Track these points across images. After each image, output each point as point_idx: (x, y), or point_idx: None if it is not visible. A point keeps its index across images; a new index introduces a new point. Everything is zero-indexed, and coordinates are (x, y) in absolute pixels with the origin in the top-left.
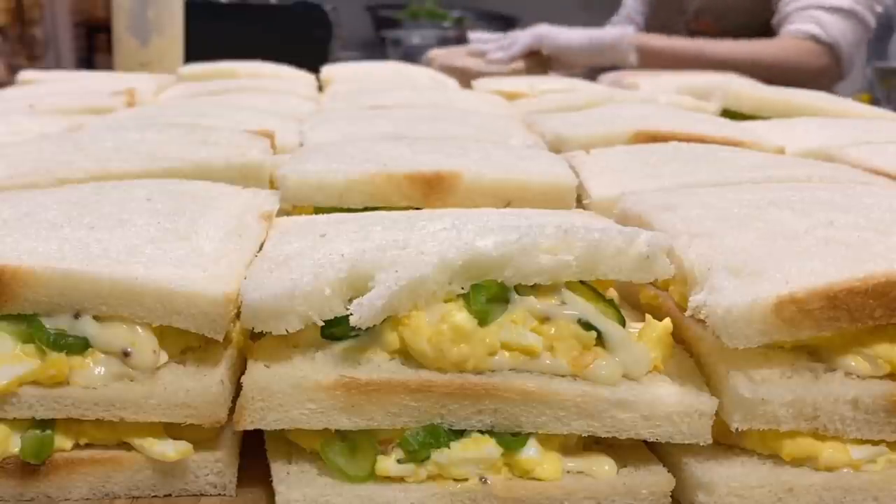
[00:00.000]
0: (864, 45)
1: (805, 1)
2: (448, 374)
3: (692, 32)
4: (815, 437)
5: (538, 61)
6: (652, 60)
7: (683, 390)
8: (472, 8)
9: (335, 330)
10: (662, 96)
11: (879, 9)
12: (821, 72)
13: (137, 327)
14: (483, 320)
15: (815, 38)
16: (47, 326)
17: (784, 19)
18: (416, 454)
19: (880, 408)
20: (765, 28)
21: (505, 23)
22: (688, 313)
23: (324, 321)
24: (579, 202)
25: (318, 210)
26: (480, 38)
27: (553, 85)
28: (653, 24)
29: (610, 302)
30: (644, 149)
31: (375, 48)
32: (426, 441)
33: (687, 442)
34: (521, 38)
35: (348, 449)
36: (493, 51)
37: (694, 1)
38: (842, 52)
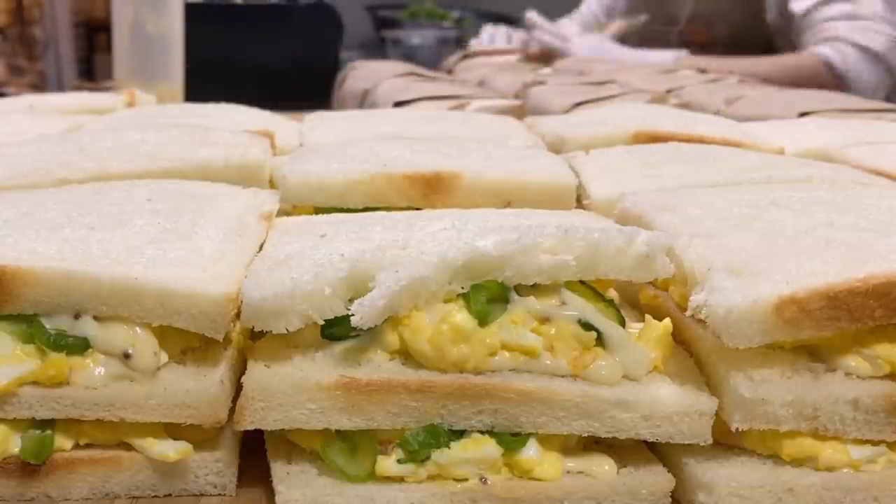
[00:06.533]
0: (885, 85)
1: (840, 30)
2: (448, 375)
3: (685, 42)
4: (815, 437)
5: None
6: None
7: (683, 390)
8: (472, 8)
9: (335, 330)
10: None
11: None
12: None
13: (137, 328)
14: (483, 320)
15: (831, 67)
16: (47, 326)
17: (812, 32)
18: (416, 454)
19: (880, 408)
20: (755, 37)
21: (505, 23)
22: (688, 313)
23: (324, 321)
24: (579, 202)
25: (318, 210)
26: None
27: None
28: (645, 33)
29: (610, 302)
30: (644, 149)
31: (375, 48)
32: (426, 441)
33: (687, 442)
34: (576, 48)
35: (348, 449)
36: (545, 39)
37: (685, 10)
38: (853, 85)
